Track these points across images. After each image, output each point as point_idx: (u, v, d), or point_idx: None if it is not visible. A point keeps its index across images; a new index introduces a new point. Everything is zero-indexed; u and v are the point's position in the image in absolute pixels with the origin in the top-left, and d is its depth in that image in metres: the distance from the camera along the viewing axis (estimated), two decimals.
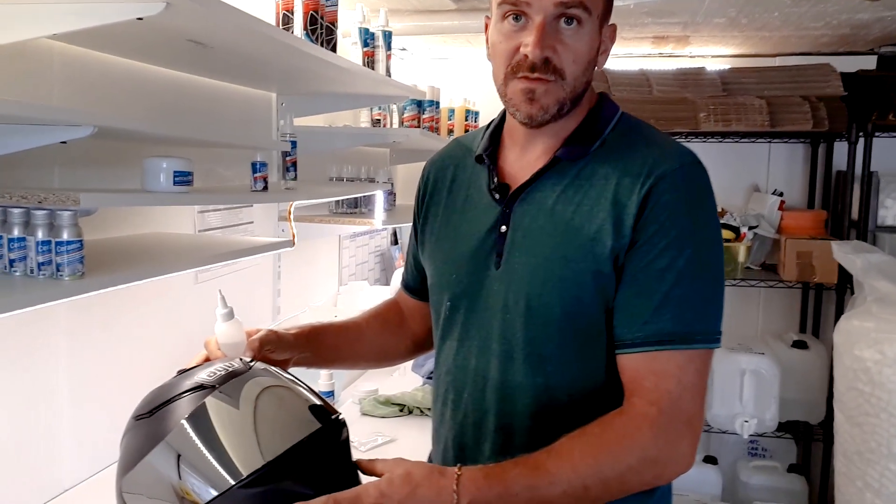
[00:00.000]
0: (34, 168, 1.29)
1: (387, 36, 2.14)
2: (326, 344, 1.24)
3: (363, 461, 0.95)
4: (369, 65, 2.07)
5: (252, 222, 2.09)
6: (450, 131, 3.03)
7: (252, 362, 1.00)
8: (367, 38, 2.06)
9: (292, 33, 1.61)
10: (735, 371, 3.05)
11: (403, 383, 2.45)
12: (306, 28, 1.62)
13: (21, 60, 1.25)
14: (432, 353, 1.22)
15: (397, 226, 3.16)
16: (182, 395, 0.93)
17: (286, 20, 1.62)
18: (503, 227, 1.06)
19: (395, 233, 3.46)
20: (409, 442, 2.04)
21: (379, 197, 2.41)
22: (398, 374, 2.59)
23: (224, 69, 1.72)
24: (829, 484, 3.04)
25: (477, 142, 1.16)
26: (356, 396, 2.33)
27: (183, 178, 1.24)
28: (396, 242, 3.46)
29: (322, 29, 1.66)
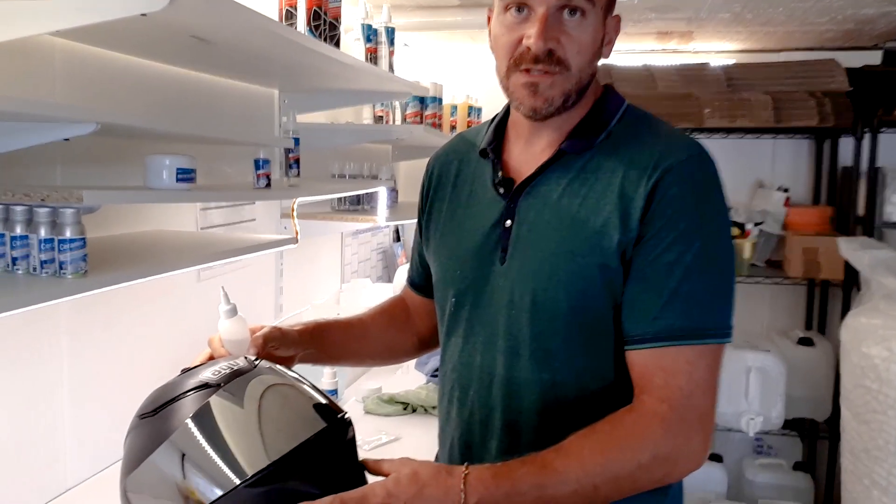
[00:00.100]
0: (36, 166, 1.28)
1: (390, 32, 2.14)
2: (331, 340, 1.22)
3: (369, 461, 0.94)
4: (372, 61, 2.07)
5: (255, 219, 2.08)
6: (452, 128, 3.02)
7: (257, 360, 0.99)
8: (370, 35, 2.06)
9: (296, 29, 1.60)
10: (741, 368, 3.04)
11: (407, 381, 2.44)
12: (310, 24, 1.61)
13: (23, 57, 1.24)
14: (436, 351, 1.21)
15: (400, 223, 3.16)
16: (186, 394, 0.92)
17: (289, 16, 1.61)
18: (508, 222, 1.05)
19: (398, 230, 3.45)
20: (413, 441, 2.02)
21: (382, 194, 2.40)
22: (402, 372, 2.58)
23: (227, 65, 1.71)
24: (836, 482, 3.03)
25: (481, 136, 1.15)
26: (359, 395, 2.32)
27: (185, 175, 1.23)
28: (399, 239, 3.45)
29: (325, 25, 1.65)
